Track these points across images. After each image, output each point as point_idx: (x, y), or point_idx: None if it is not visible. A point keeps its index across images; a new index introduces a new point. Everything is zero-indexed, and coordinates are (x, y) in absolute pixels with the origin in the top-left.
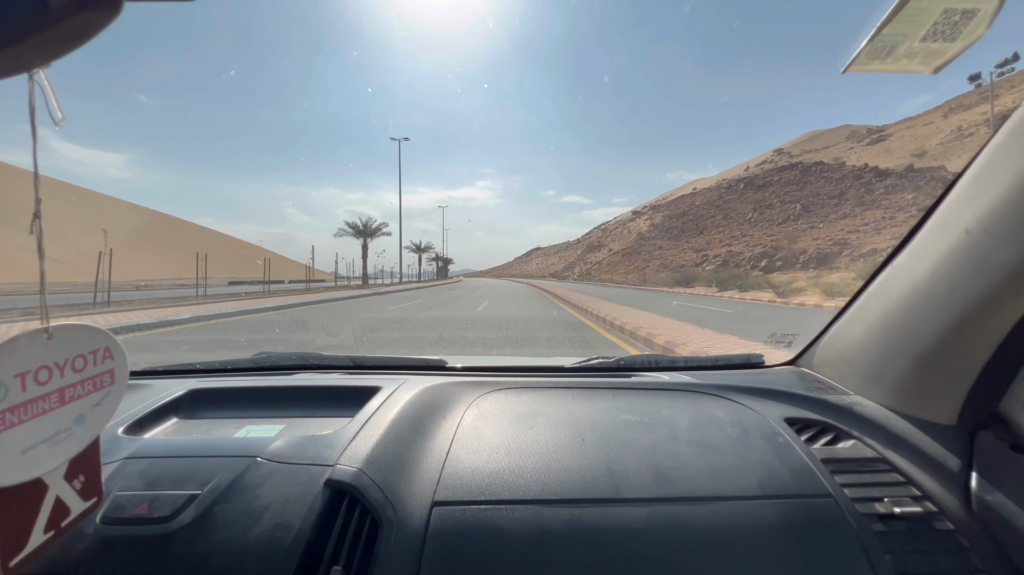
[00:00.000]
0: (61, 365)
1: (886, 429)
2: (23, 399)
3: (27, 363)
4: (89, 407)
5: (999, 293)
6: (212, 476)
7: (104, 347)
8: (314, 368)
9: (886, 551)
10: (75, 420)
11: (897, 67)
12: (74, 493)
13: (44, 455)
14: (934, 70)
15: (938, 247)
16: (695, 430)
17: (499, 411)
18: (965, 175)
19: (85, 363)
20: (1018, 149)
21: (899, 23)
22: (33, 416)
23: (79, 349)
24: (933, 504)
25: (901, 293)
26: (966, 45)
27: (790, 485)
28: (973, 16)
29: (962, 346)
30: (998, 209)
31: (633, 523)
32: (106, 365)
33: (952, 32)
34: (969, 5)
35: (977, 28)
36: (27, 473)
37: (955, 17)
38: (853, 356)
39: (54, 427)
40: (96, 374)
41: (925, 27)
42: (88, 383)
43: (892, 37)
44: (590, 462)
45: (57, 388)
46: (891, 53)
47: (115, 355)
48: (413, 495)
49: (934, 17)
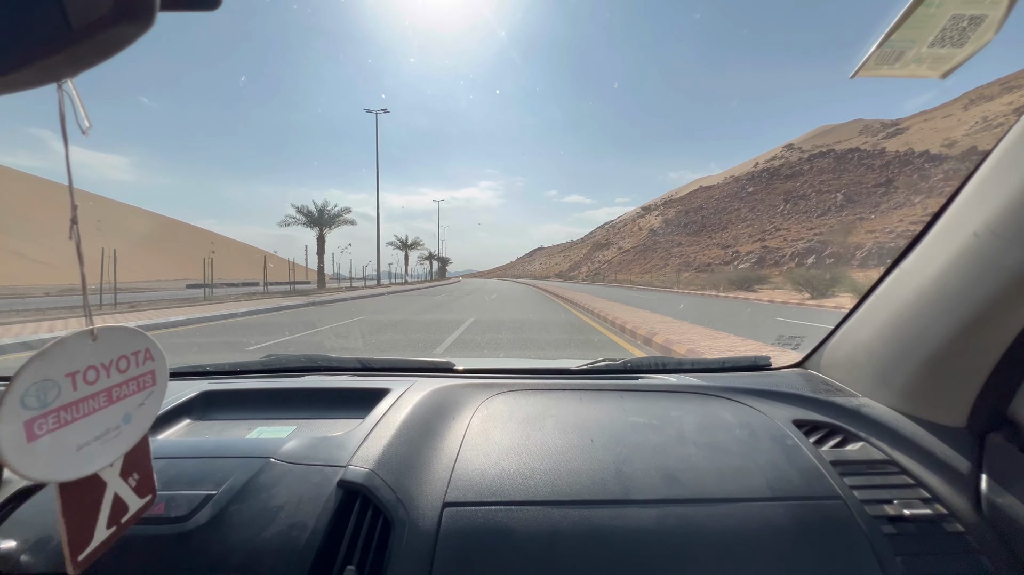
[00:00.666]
0: (107, 366)
1: (895, 431)
2: (75, 398)
3: (76, 363)
4: (134, 407)
5: (1008, 296)
6: (227, 476)
7: (144, 349)
8: (323, 370)
9: (896, 553)
10: (123, 419)
11: (906, 72)
12: (130, 490)
13: (97, 452)
14: (943, 75)
15: (946, 250)
16: (703, 432)
17: (508, 413)
18: (973, 178)
19: (128, 364)
20: None
21: (908, 29)
22: (85, 415)
23: (122, 350)
24: (943, 506)
25: (909, 295)
26: (975, 50)
27: (799, 487)
28: (981, 22)
29: (971, 348)
30: (1006, 212)
31: (643, 524)
32: (147, 366)
33: (960, 38)
34: (977, 11)
35: (985, 34)
36: (84, 469)
37: (963, 23)
38: (861, 358)
39: (104, 426)
40: (139, 375)
41: (934, 33)
42: (132, 383)
43: (901, 43)
44: (599, 464)
45: (105, 388)
46: (900, 58)
47: (155, 356)
48: (424, 496)
49: (943, 23)
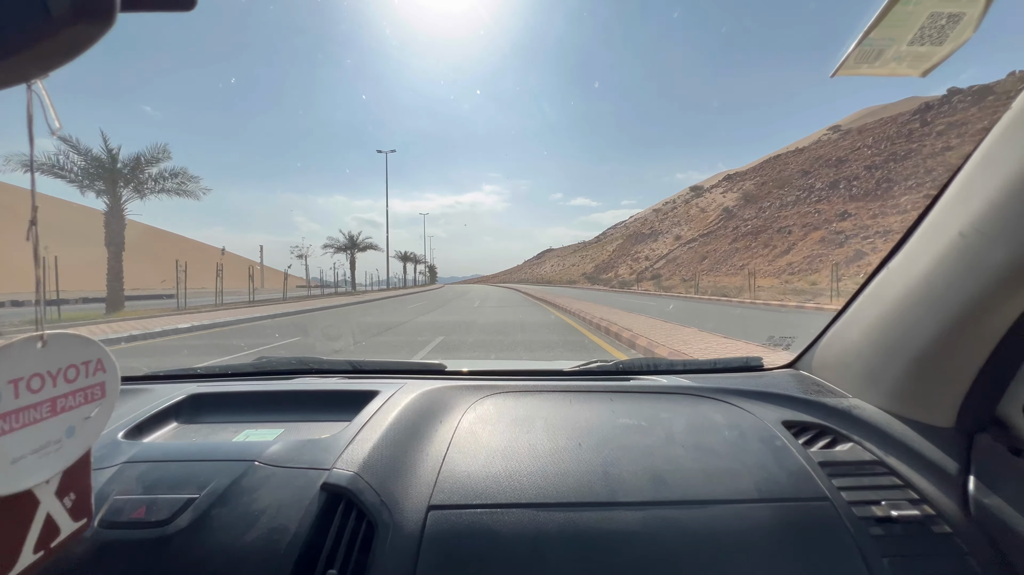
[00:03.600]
0: (54, 374)
1: (884, 432)
2: (16, 406)
3: (21, 369)
4: (79, 419)
5: (993, 295)
6: (209, 480)
7: (96, 359)
8: (313, 372)
9: (883, 555)
10: (65, 432)
11: (886, 71)
12: (64, 512)
13: (34, 467)
14: (922, 74)
15: (932, 249)
16: (692, 433)
17: (497, 415)
18: (957, 178)
19: (78, 374)
20: (1009, 151)
21: (886, 27)
22: (25, 425)
23: (72, 359)
24: (931, 507)
25: (897, 296)
26: (954, 48)
27: (787, 488)
28: (959, 20)
29: (958, 349)
30: (991, 211)
31: (628, 527)
32: (98, 377)
33: (939, 36)
34: (955, 9)
35: (964, 32)
36: (17, 484)
37: (941, 21)
38: (851, 359)
39: (45, 438)
40: (87, 386)
41: (912, 31)
42: (79, 394)
43: (880, 41)
44: (586, 466)
45: (49, 398)
46: (879, 57)
47: (107, 368)
48: (409, 499)
49: (920, 21)
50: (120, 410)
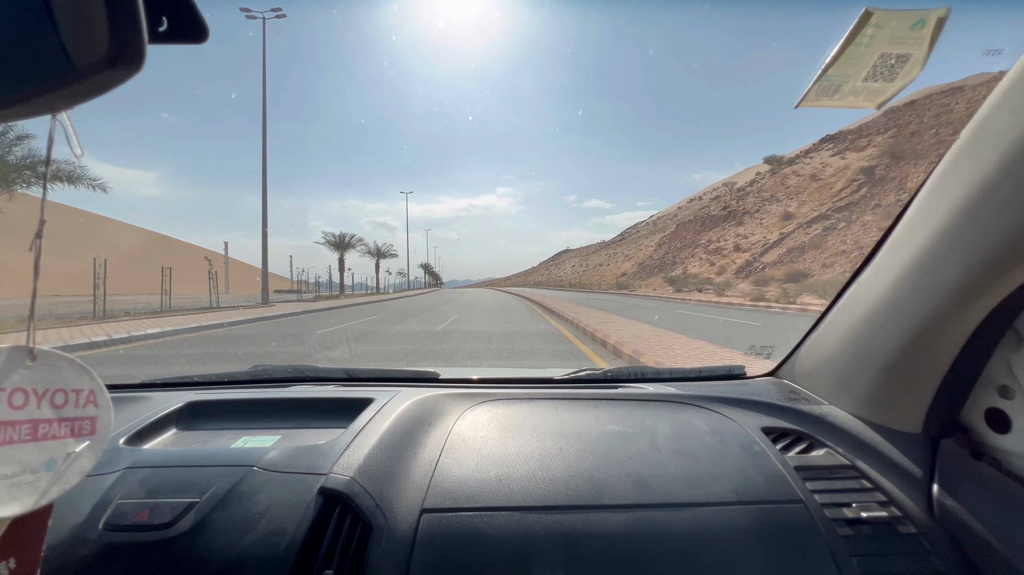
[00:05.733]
0: (40, 394)
1: (856, 437)
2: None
3: (4, 380)
4: (62, 454)
5: (949, 309)
6: (210, 484)
7: (89, 390)
8: (309, 380)
9: (852, 554)
10: (44, 464)
11: (844, 103)
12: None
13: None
14: (878, 106)
15: (896, 264)
16: (675, 439)
17: (488, 422)
18: (919, 195)
19: (66, 401)
20: (958, 178)
21: (842, 65)
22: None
23: (61, 383)
24: (897, 509)
25: (865, 307)
26: (904, 84)
27: (763, 492)
28: (907, 59)
29: (922, 358)
30: (943, 232)
31: (612, 528)
32: (88, 411)
33: (890, 73)
34: (902, 51)
35: (912, 70)
36: None
37: (891, 60)
38: (825, 367)
39: (19, 464)
40: (75, 418)
41: (865, 69)
42: (65, 425)
43: (837, 77)
44: (573, 470)
45: (30, 419)
46: (838, 91)
47: (99, 403)
48: (403, 503)
49: (872, 60)
50: (120, 417)
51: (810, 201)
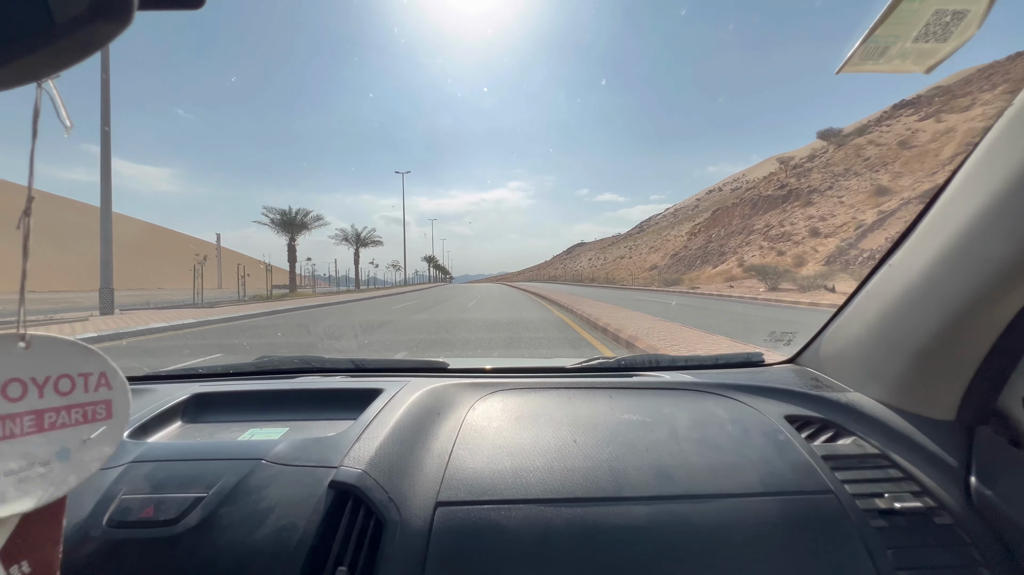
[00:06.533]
0: (40, 383)
1: (886, 425)
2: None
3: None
4: (76, 442)
5: (994, 290)
6: (217, 479)
7: (99, 372)
8: (316, 371)
9: (887, 546)
10: (57, 454)
11: (891, 67)
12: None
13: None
14: (927, 70)
15: (934, 244)
16: (696, 428)
17: (501, 412)
18: (960, 172)
19: (72, 386)
20: (1010, 147)
21: (891, 24)
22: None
23: (65, 368)
24: (933, 499)
25: (898, 290)
26: (958, 45)
27: (791, 482)
28: (964, 16)
29: (959, 342)
30: (992, 206)
31: (635, 521)
32: (100, 394)
33: (944, 32)
34: (959, 6)
35: (968, 29)
36: None
37: (946, 18)
38: (852, 353)
39: (26, 458)
40: (87, 403)
41: (917, 28)
42: (76, 411)
43: (885, 38)
44: (592, 461)
45: (33, 410)
46: (884, 54)
47: (113, 384)
48: (417, 496)
49: (925, 18)
50: None
51: (908, 172)
